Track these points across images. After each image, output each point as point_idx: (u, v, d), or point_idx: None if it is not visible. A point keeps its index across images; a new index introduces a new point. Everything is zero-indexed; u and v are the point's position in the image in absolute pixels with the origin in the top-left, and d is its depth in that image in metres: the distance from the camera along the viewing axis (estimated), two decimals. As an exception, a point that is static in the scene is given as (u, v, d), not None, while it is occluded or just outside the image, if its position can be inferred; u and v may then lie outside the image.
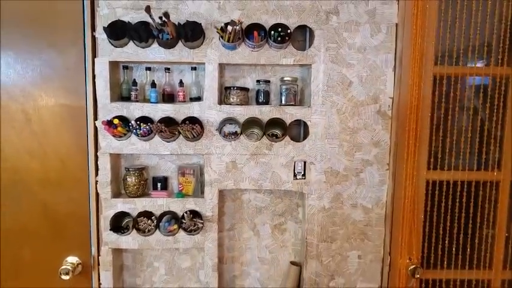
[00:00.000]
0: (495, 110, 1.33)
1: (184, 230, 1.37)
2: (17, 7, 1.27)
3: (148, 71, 1.39)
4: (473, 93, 1.34)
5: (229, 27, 1.22)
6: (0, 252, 1.36)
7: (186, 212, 1.37)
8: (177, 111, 1.34)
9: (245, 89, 1.40)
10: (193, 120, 1.32)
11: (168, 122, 1.32)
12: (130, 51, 1.31)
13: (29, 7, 1.28)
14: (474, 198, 1.37)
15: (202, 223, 1.37)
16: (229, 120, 1.37)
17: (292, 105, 1.38)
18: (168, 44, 1.29)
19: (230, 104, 1.37)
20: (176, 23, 1.26)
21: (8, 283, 1.37)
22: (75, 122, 1.33)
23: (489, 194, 1.36)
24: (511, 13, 1.30)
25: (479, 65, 1.33)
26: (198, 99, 1.38)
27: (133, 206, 1.38)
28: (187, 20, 1.27)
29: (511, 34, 1.30)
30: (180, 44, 1.31)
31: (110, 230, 1.35)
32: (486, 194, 1.36)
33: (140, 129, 1.28)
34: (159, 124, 1.28)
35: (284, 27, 1.28)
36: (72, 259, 1.37)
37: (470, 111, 1.35)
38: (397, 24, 1.33)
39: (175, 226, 1.37)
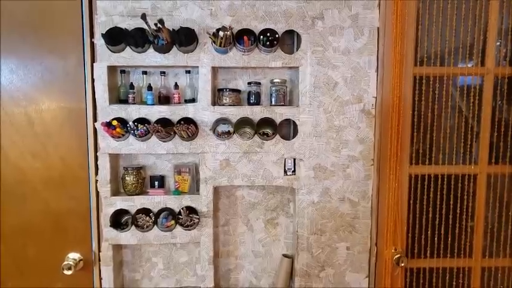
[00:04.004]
0: (472, 107, 1.42)
1: (181, 225, 1.44)
2: (18, 15, 1.34)
3: (144, 75, 1.46)
4: (451, 91, 1.43)
5: (221, 33, 1.30)
6: (5, 249, 1.42)
7: (182, 208, 1.44)
8: (172, 112, 1.41)
9: (237, 91, 1.47)
10: (188, 121, 1.39)
11: (164, 122, 1.39)
12: (128, 56, 1.38)
13: (30, 15, 1.34)
14: (454, 191, 1.45)
15: (198, 218, 1.44)
16: (223, 120, 1.44)
17: (281, 105, 1.46)
18: (163, 49, 1.36)
19: (223, 105, 1.44)
20: (171, 29, 1.33)
21: (12, 278, 1.43)
22: (75, 124, 1.39)
23: (468, 187, 1.45)
24: (485, 16, 1.39)
25: (456, 65, 1.42)
26: (193, 100, 1.46)
27: (132, 203, 1.44)
28: (181, 26, 1.35)
29: (485, 36, 1.39)
30: (174, 49, 1.38)
31: (110, 226, 1.41)
32: (465, 186, 1.45)
33: (138, 130, 1.34)
34: (155, 125, 1.35)
35: (272, 32, 1.36)
36: (74, 255, 1.43)
37: (449, 109, 1.43)
38: (378, 28, 1.41)
39: (173, 222, 1.43)
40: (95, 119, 1.40)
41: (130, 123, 1.35)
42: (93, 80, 1.38)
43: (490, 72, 1.40)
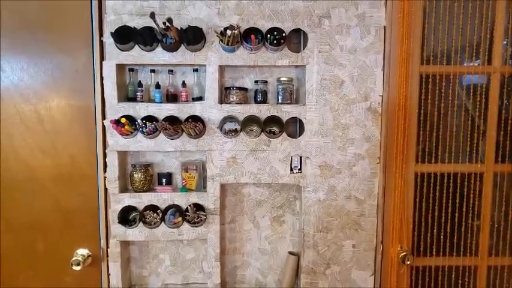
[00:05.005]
0: (478, 106, 1.42)
1: (188, 222, 1.45)
2: (29, 14, 1.36)
3: (152, 73, 1.47)
4: (457, 90, 1.43)
5: (228, 32, 1.31)
6: (15, 244, 1.44)
7: (189, 205, 1.45)
8: (180, 110, 1.42)
9: (244, 89, 1.48)
10: (195, 119, 1.41)
11: (172, 120, 1.40)
12: (136, 55, 1.39)
13: (41, 14, 1.36)
14: (460, 189, 1.45)
15: (205, 215, 1.45)
16: (230, 118, 1.46)
17: (288, 103, 1.47)
18: (172, 48, 1.38)
19: (230, 103, 1.45)
20: (179, 28, 1.34)
21: (22, 273, 1.45)
22: (84, 121, 1.41)
23: (474, 185, 1.45)
24: (491, 15, 1.39)
25: (463, 64, 1.42)
26: (200, 99, 1.47)
27: (140, 200, 1.46)
28: (189, 25, 1.36)
29: (491, 34, 1.39)
30: (182, 47, 1.39)
31: (118, 223, 1.43)
32: (471, 185, 1.45)
33: (146, 128, 1.36)
34: (163, 122, 1.36)
35: (279, 30, 1.37)
36: (83, 251, 1.45)
37: (455, 108, 1.43)
38: (385, 27, 1.41)
39: (180, 219, 1.45)
40: (103, 117, 1.41)
41: (139, 120, 1.37)
42: (102, 78, 1.39)
43: (496, 71, 1.40)
